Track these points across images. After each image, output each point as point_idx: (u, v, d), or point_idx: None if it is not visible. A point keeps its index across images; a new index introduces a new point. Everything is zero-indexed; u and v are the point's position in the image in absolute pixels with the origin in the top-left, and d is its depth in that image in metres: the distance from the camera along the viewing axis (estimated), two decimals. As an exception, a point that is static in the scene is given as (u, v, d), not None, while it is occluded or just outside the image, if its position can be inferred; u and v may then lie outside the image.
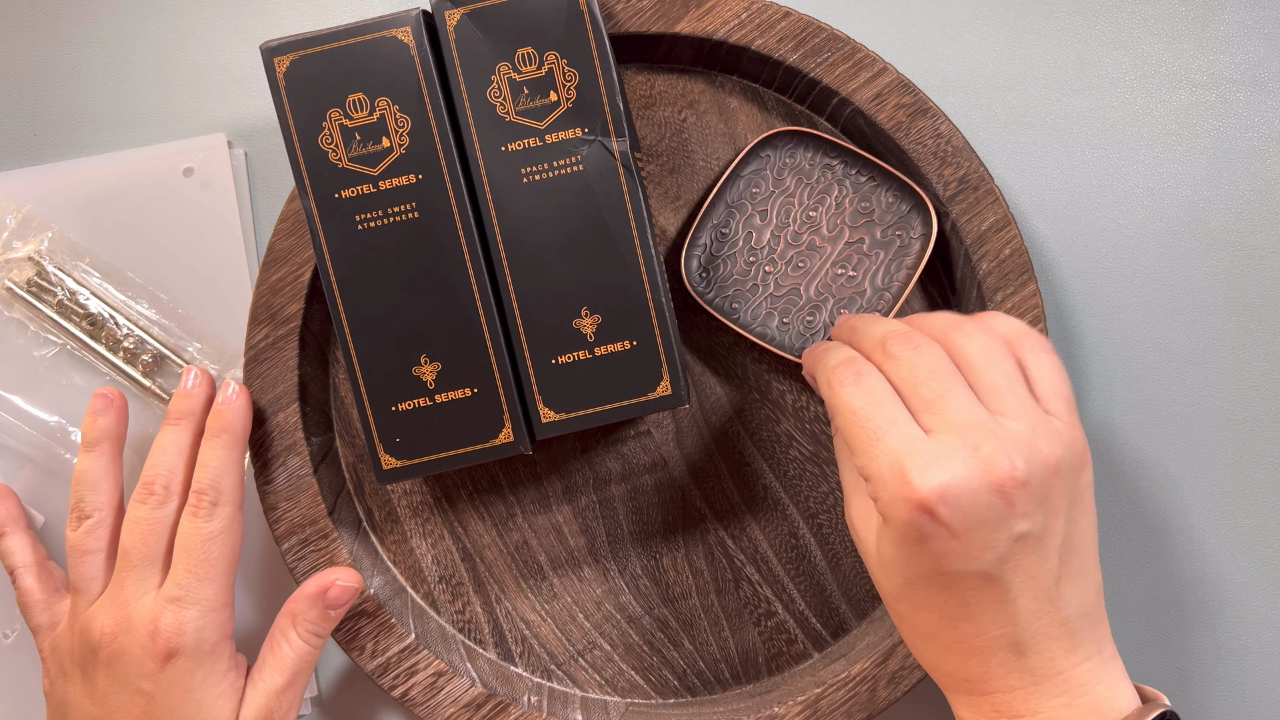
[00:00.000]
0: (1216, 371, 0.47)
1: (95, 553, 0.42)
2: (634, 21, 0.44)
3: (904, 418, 0.34)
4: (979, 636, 0.34)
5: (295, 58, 0.39)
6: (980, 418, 0.34)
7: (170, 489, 0.42)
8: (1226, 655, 0.48)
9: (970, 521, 0.33)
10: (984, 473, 0.33)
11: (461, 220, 0.39)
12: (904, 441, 0.33)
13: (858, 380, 0.35)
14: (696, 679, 0.47)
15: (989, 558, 0.33)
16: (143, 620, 0.40)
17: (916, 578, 0.34)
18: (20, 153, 0.49)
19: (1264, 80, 0.47)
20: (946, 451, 0.33)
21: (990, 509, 0.33)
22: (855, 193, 0.45)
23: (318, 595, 0.42)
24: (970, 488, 0.32)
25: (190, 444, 0.43)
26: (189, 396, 0.43)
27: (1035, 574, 0.34)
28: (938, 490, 0.32)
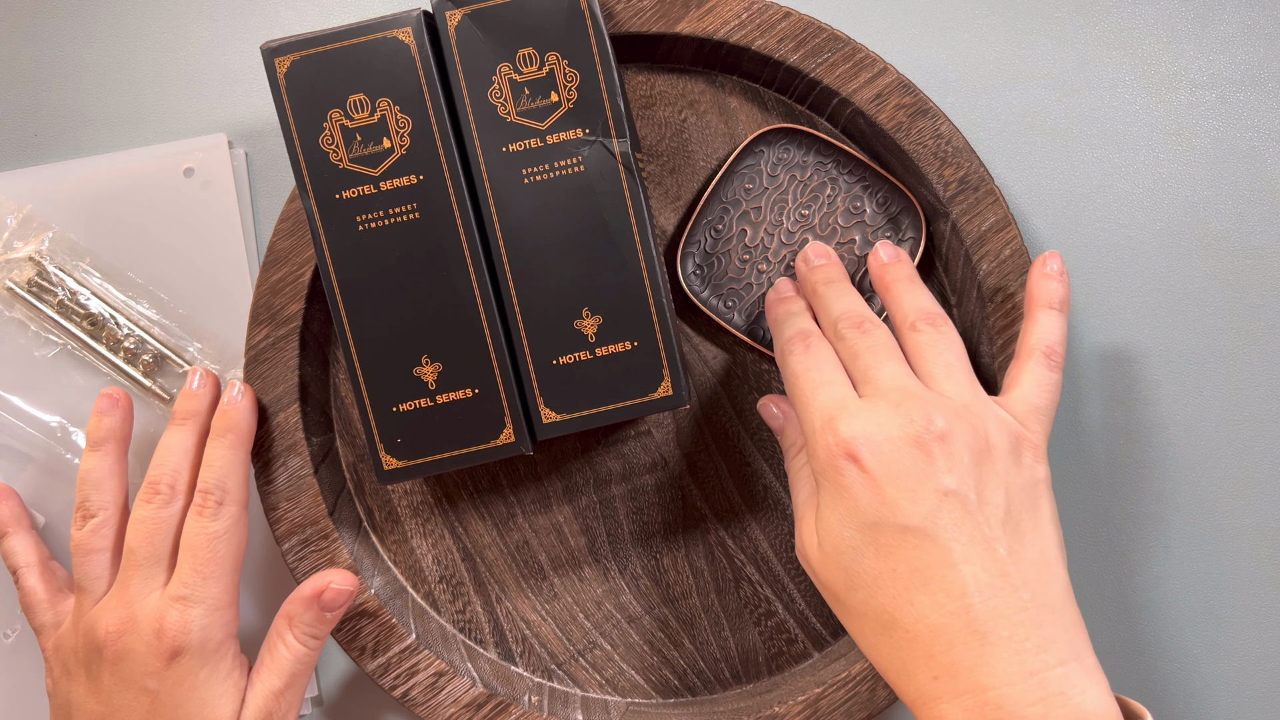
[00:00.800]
0: (1216, 371, 0.47)
1: (100, 551, 0.42)
2: (634, 22, 0.44)
3: (841, 379, 0.38)
4: (936, 610, 0.33)
5: (296, 58, 0.39)
6: (908, 384, 0.37)
7: (176, 488, 0.42)
8: (1227, 655, 0.48)
9: (890, 469, 0.35)
10: (902, 424, 0.35)
11: (462, 221, 0.39)
12: (835, 398, 0.37)
13: (806, 350, 0.39)
14: (697, 679, 0.47)
15: (918, 510, 0.34)
16: (148, 619, 0.40)
17: (858, 543, 0.35)
18: (20, 153, 0.49)
19: (1264, 80, 0.47)
20: (870, 406, 0.36)
21: (910, 458, 0.35)
22: (847, 192, 0.45)
23: (313, 597, 0.42)
24: (889, 435, 0.35)
25: (195, 444, 0.43)
26: (194, 397, 0.43)
27: (975, 537, 0.34)
28: (859, 437, 0.35)
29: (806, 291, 0.42)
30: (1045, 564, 0.35)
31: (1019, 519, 0.35)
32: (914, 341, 0.39)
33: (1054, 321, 0.40)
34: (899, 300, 0.41)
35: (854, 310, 0.40)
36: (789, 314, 0.42)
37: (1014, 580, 0.34)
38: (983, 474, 0.35)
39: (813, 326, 0.40)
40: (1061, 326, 0.40)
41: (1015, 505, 0.35)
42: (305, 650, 0.42)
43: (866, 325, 0.39)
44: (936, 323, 0.39)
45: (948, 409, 0.36)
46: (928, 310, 0.40)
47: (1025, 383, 0.39)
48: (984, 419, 0.36)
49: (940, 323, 0.40)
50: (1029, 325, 0.41)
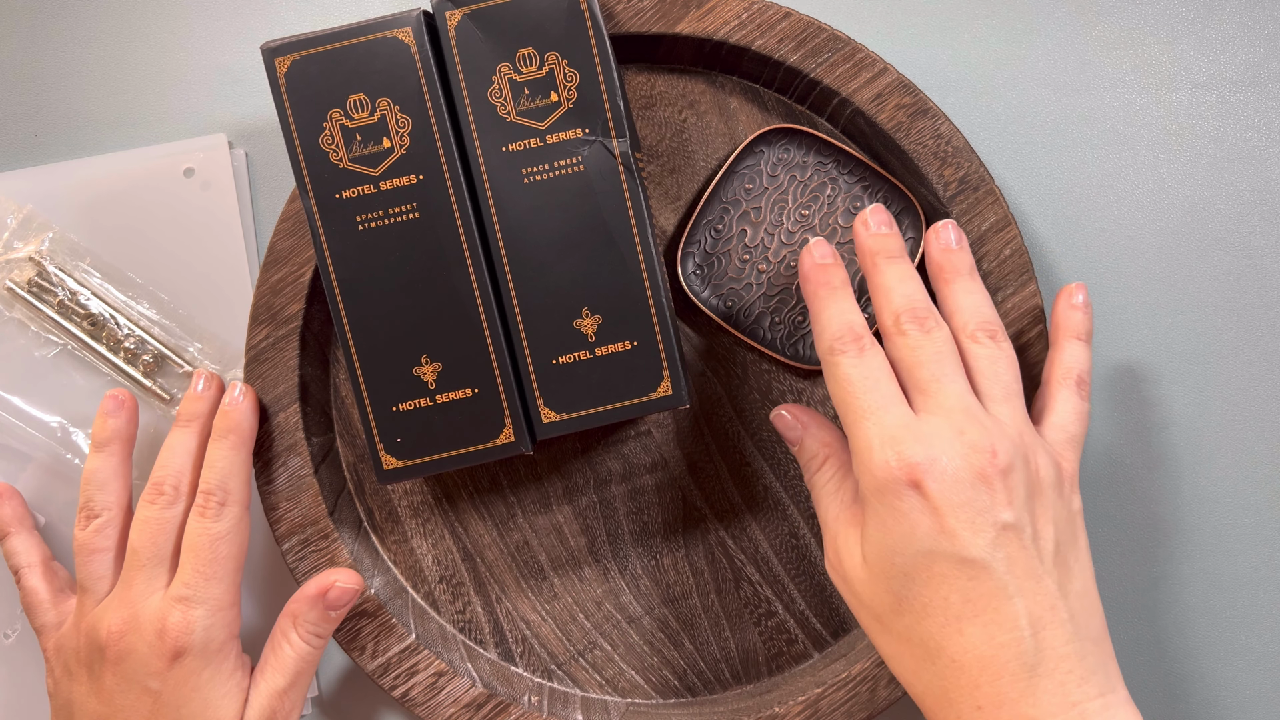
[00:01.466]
0: (1216, 371, 0.47)
1: (104, 551, 0.42)
2: (634, 22, 0.44)
3: (897, 397, 0.36)
4: (987, 642, 0.33)
5: (296, 58, 0.39)
6: (969, 405, 0.36)
7: (179, 489, 0.42)
8: (1227, 655, 0.48)
9: (953, 499, 0.34)
10: (965, 453, 0.34)
11: (462, 221, 0.39)
12: (896, 418, 0.35)
13: (860, 355, 0.37)
14: (697, 679, 0.47)
15: (978, 542, 0.34)
16: (150, 619, 0.40)
17: (910, 568, 0.34)
18: (20, 153, 0.49)
19: (1264, 80, 0.47)
20: (932, 430, 0.35)
21: (973, 488, 0.34)
22: (847, 192, 0.45)
23: (318, 596, 0.42)
24: (954, 465, 0.34)
25: (199, 446, 0.43)
26: (198, 399, 0.43)
27: (1030, 571, 0.34)
28: (924, 464, 0.34)
29: (864, 261, 0.39)
30: (1089, 596, 0.35)
31: (1065, 553, 0.35)
32: (974, 354, 0.38)
33: (1082, 351, 0.40)
34: (959, 300, 0.39)
35: (919, 303, 0.38)
36: (832, 293, 0.38)
37: (1062, 614, 0.34)
38: (1036, 508, 0.35)
39: (860, 318, 0.38)
40: (1088, 356, 0.40)
41: (1062, 539, 0.35)
42: (309, 649, 0.42)
43: (930, 324, 0.37)
44: (998, 337, 0.38)
45: (1007, 440, 0.35)
46: (990, 320, 0.39)
47: (1060, 411, 0.39)
48: (1036, 451, 0.36)
49: (1001, 338, 0.38)
50: (1056, 354, 0.40)
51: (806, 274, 0.39)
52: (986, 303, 0.39)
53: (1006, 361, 0.38)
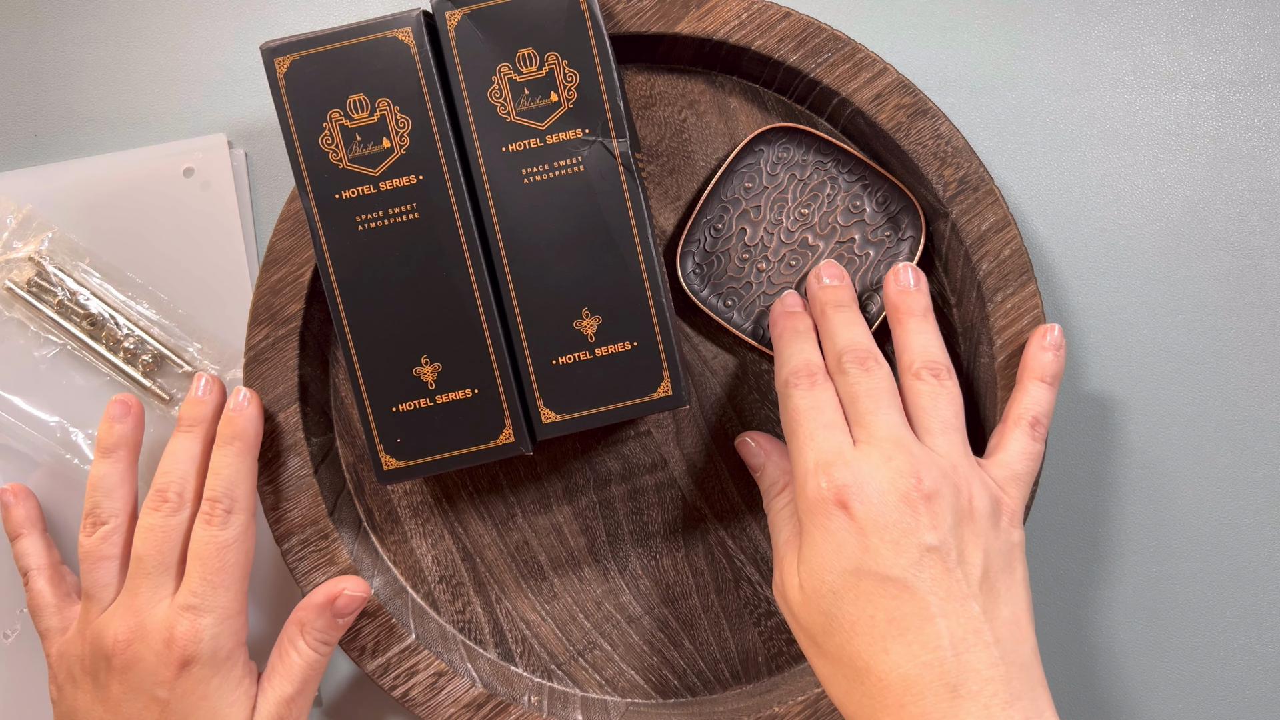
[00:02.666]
0: (1216, 371, 0.47)
1: (110, 559, 0.42)
2: (634, 22, 0.44)
3: (838, 426, 0.39)
4: (910, 661, 0.34)
5: (296, 58, 0.39)
6: (900, 436, 0.38)
7: (184, 496, 0.42)
8: (1227, 655, 0.48)
9: (877, 520, 0.36)
10: (892, 478, 0.36)
11: (462, 221, 0.39)
12: (833, 444, 0.38)
13: (811, 388, 0.40)
14: (697, 679, 0.47)
15: (900, 561, 0.35)
16: (158, 628, 0.40)
17: (838, 586, 0.36)
18: (20, 153, 0.49)
19: (1264, 80, 0.47)
20: (863, 456, 0.37)
21: (897, 510, 0.36)
22: (847, 191, 0.45)
23: (326, 604, 0.42)
24: (879, 488, 0.36)
25: (202, 451, 0.43)
26: (200, 404, 0.43)
27: (954, 594, 0.35)
28: (850, 485, 0.36)
29: (815, 310, 0.43)
30: (1017, 624, 0.36)
31: (994, 580, 0.36)
32: (915, 390, 0.40)
33: (1043, 394, 0.41)
34: (908, 338, 0.41)
35: (859, 344, 0.40)
36: (795, 336, 0.42)
37: (986, 637, 0.35)
38: (964, 534, 0.36)
39: (817, 358, 0.41)
40: (1049, 400, 0.41)
41: (992, 567, 0.36)
42: (317, 656, 0.42)
43: (870, 364, 0.40)
44: (940, 374, 0.40)
45: (936, 468, 0.37)
46: (934, 359, 0.40)
47: (1009, 450, 0.40)
48: (970, 481, 0.38)
49: (944, 375, 0.40)
50: (1018, 394, 0.42)
51: (775, 319, 0.43)
52: (935, 343, 0.41)
53: (947, 398, 0.39)
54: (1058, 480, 0.48)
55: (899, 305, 0.42)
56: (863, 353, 0.40)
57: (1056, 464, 0.48)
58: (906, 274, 0.42)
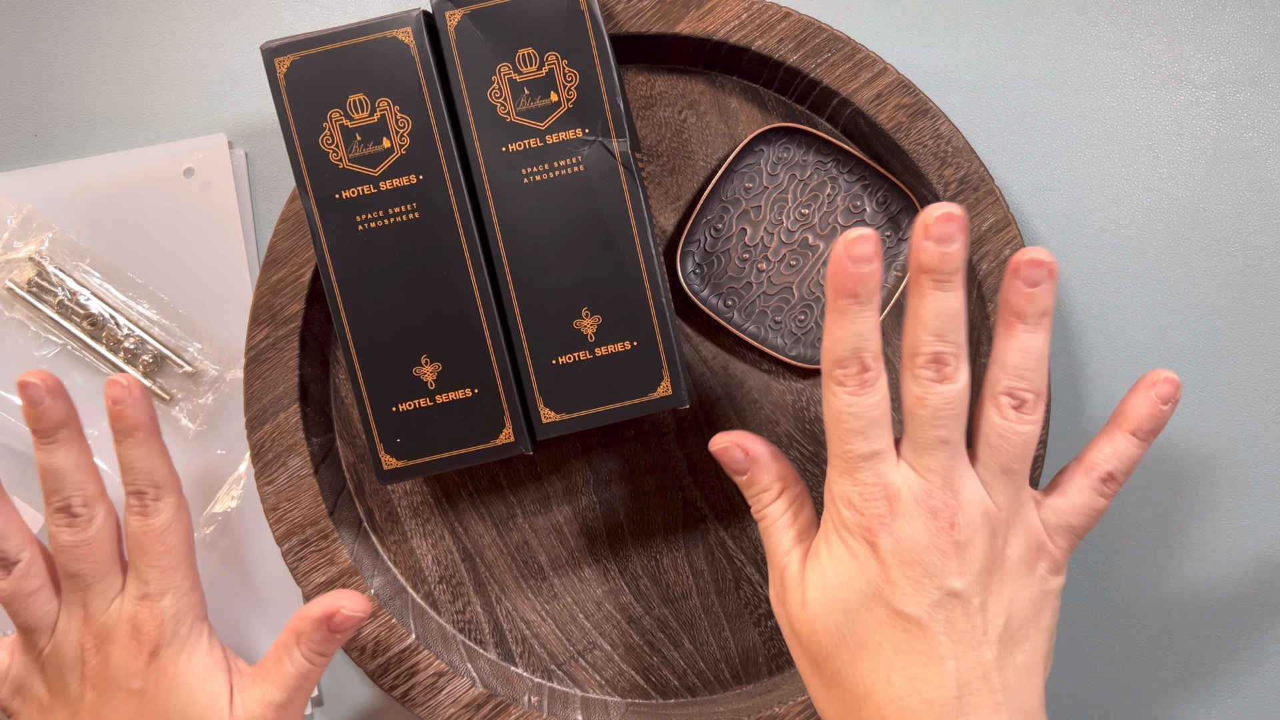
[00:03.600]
0: (1216, 371, 0.47)
1: (39, 590, 0.41)
2: (634, 22, 0.44)
3: (884, 447, 0.36)
4: (911, 695, 0.34)
5: (296, 58, 0.39)
6: (951, 469, 0.35)
7: (90, 502, 0.40)
8: (1226, 656, 0.48)
9: (903, 556, 0.34)
10: (925, 520, 0.35)
11: (462, 221, 0.39)
12: (872, 470, 0.35)
13: (860, 390, 0.35)
14: (697, 679, 0.47)
15: (918, 599, 0.34)
16: (119, 625, 0.40)
17: (852, 606, 0.35)
18: (20, 153, 0.49)
19: (1264, 80, 0.47)
20: (904, 486, 0.35)
21: (925, 552, 0.34)
22: (847, 191, 0.45)
23: (323, 619, 0.41)
24: (909, 527, 0.35)
25: (77, 452, 0.40)
26: (49, 410, 0.40)
27: (968, 638, 0.34)
28: (882, 517, 0.35)
29: (914, 268, 0.35)
30: (1029, 672, 0.35)
31: (1016, 629, 0.35)
32: (988, 419, 0.36)
33: (1129, 450, 0.37)
34: (1005, 350, 0.36)
35: (949, 343, 0.35)
36: (854, 305, 0.35)
37: (995, 684, 0.34)
38: (991, 583, 0.35)
39: (875, 342, 0.35)
40: (1135, 456, 0.37)
41: (1017, 615, 0.35)
42: (310, 667, 0.41)
43: (948, 372, 0.35)
44: (1025, 406, 0.35)
45: (977, 511, 0.35)
46: (1027, 385, 0.35)
47: (1069, 499, 0.37)
48: (1012, 528, 0.36)
49: (1028, 408, 0.35)
50: (1103, 439, 0.37)
51: (835, 271, 0.35)
52: (1039, 359, 0.36)
53: (1017, 438, 0.35)
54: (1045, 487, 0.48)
55: (1013, 306, 0.35)
56: (948, 355, 0.35)
57: (1056, 464, 0.48)
58: (1034, 271, 0.35)
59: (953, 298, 0.35)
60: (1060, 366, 0.48)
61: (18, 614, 0.41)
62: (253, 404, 0.45)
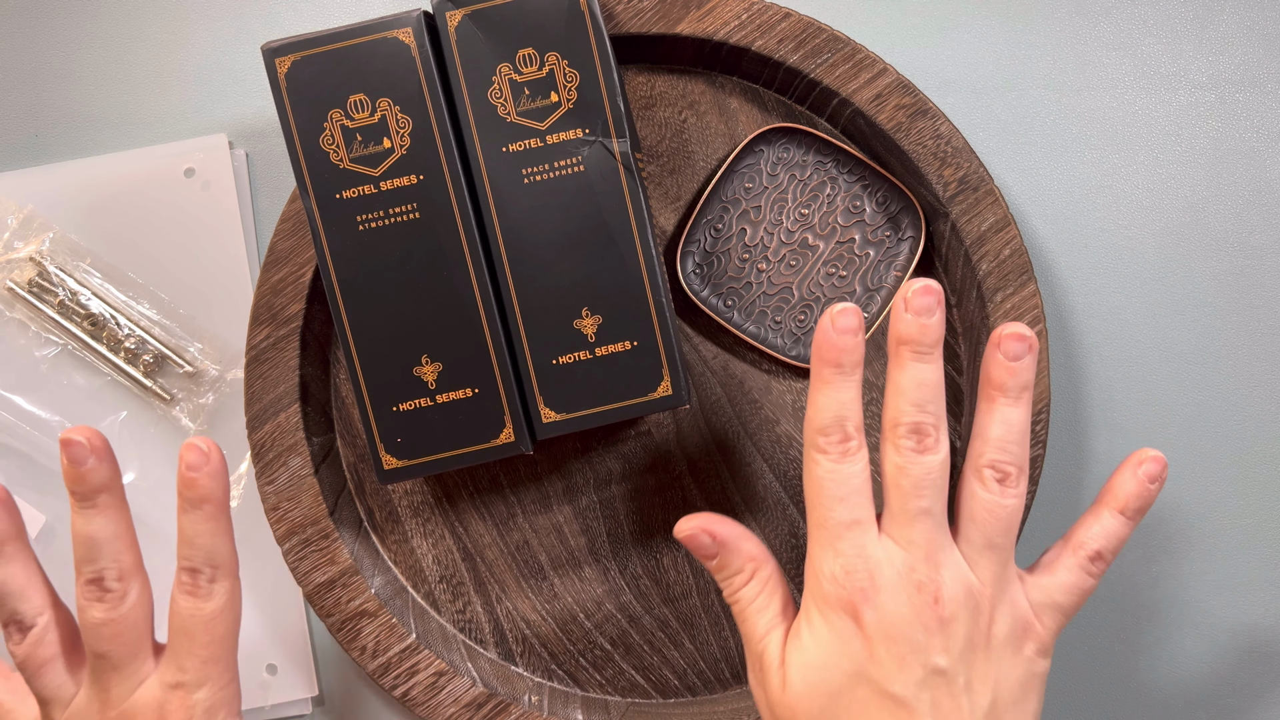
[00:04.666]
0: (1216, 371, 0.48)
1: (52, 660, 0.37)
2: (634, 22, 0.44)
3: (865, 518, 0.35)
4: None
5: (296, 58, 0.39)
6: (933, 544, 0.35)
7: (125, 578, 0.37)
8: (1226, 656, 0.48)
9: (887, 633, 0.34)
10: (910, 594, 0.34)
11: (462, 221, 0.39)
12: (853, 543, 0.35)
13: (841, 459, 0.35)
14: (697, 679, 0.47)
15: (904, 679, 0.34)
16: (144, 713, 0.36)
17: (835, 688, 0.34)
18: (21, 153, 0.49)
19: (1264, 81, 0.47)
20: (886, 561, 0.35)
21: (909, 627, 0.34)
22: (847, 191, 0.45)
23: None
24: (893, 600, 0.34)
25: (118, 519, 0.37)
26: (91, 471, 0.36)
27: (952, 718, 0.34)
28: (865, 591, 0.34)
29: (894, 339, 0.36)
30: None
31: (1001, 710, 0.34)
32: (972, 492, 0.36)
33: (1116, 528, 0.37)
34: (988, 423, 0.36)
35: (926, 416, 0.35)
36: (838, 375, 0.35)
37: None
38: (975, 661, 0.34)
39: (857, 412, 0.35)
40: (1123, 535, 0.37)
41: (1003, 697, 0.35)
42: None
43: (929, 443, 0.35)
44: (1008, 480, 0.35)
45: (960, 587, 0.34)
46: (1010, 460, 0.36)
47: (1057, 577, 0.37)
48: (996, 606, 0.35)
49: (1011, 481, 0.35)
50: (1090, 518, 0.37)
51: (820, 342, 0.35)
52: (1020, 433, 0.36)
53: (1002, 512, 0.35)
54: (1056, 481, 0.48)
55: (994, 379, 0.36)
56: (929, 425, 0.35)
57: (1056, 465, 0.48)
58: (1015, 345, 0.36)
59: (932, 369, 0.35)
60: (1060, 366, 0.48)
61: (31, 681, 0.38)
62: (253, 404, 0.45)
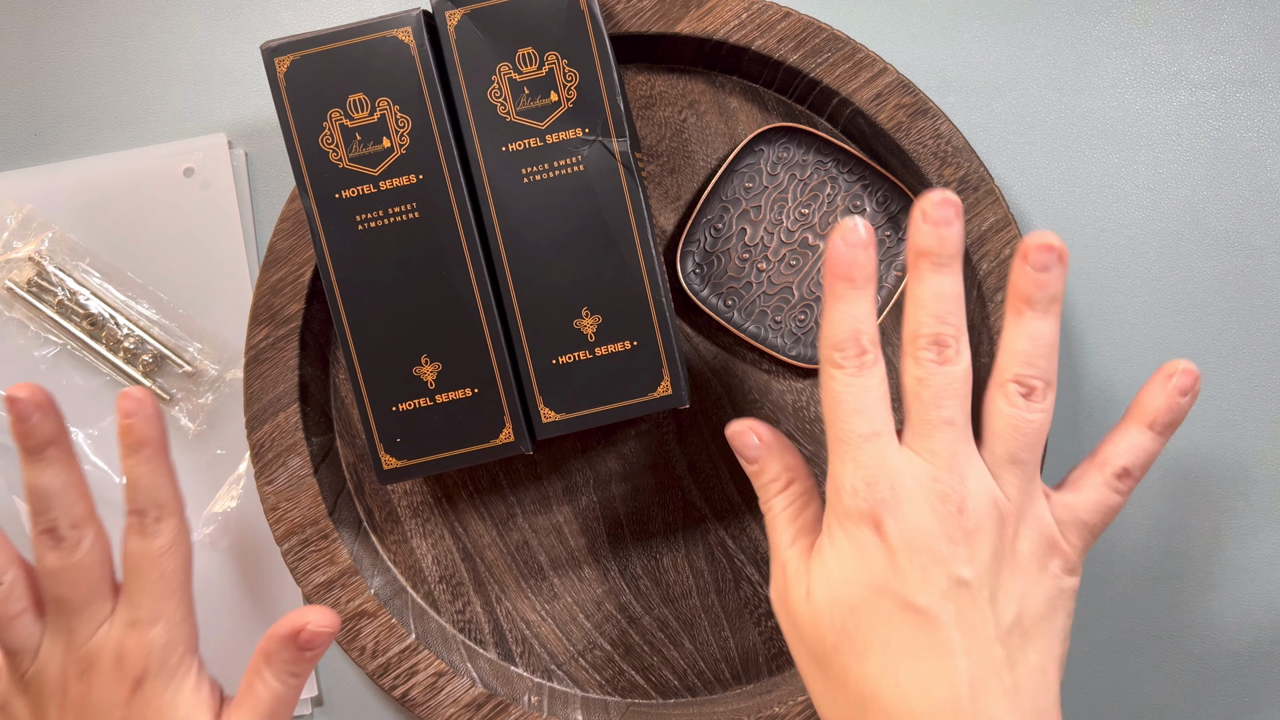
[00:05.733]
0: (1216, 371, 0.47)
1: (21, 614, 0.39)
2: (634, 22, 0.44)
3: (884, 428, 0.34)
4: (922, 695, 0.32)
5: (296, 58, 0.39)
6: (957, 454, 0.34)
7: (78, 524, 0.38)
8: (1226, 656, 0.48)
9: (909, 543, 0.33)
10: (933, 503, 0.33)
11: (462, 220, 0.39)
12: (874, 453, 0.34)
13: (859, 372, 0.34)
14: (697, 679, 0.47)
15: (928, 590, 0.33)
16: (105, 652, 0.38)
17: (856, 600, 0.33)
18: (20, 153, 0.49)
19: (1264, 80, 0.47)
20: (908, 470, 0.34)
21: (931, 536, 0.33)
22: (847, 191, 0.45)
23: (290, 636, 0.38)
24: (915, 510, 0.33)
25: (66, 470, 0.38)
26: (37, 426, 0.37)
27: (980, 633, 0.33)
28: (888, 503, 0.33)
29: (912, 249, 0.35)
30: (1043, 673, 0.34)
31: (1028, 626, 0.34)
32: (996, 408, 0.35)
33: (1145, 443, 0.36)
34: (1013, 336, 0.35)
35: (949, 324, 0.34)
36: (851, 290, 0.35)
37: (1006, 682, 0.33)
38: (1001, 573, 0.33)
39: (872, 324, 0.35)
40: (1153, 451, 0.36)
41: (1029, 611, 0.34)
42: (284, 689, 0.39)
43: (951, 354, 0.34)
44: (1034, 394, 0.34)
45: (986, 498, 0.34)
46: (1037, 372, 0.34)
47: (1083, 494, 0.36)
48: (1023, 520, 0.34)
49: (1038, 395, 0.34)
50: (1118, 434, 0.36)
51: (830, 258, 0.35)
52: (1049, 346, 0.35)
53: (1027, 426, 0.34)
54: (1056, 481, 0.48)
55: (1022, 291, 0.35)
56: (948, 338, 0.34)
57: (1056, 465, 0.48)
58: (1043, 255, 0.34)
59: (952, 280, 0.34)
60: (1060, 367, 0.48)
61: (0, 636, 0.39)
62: (253, 404, 0.45)
